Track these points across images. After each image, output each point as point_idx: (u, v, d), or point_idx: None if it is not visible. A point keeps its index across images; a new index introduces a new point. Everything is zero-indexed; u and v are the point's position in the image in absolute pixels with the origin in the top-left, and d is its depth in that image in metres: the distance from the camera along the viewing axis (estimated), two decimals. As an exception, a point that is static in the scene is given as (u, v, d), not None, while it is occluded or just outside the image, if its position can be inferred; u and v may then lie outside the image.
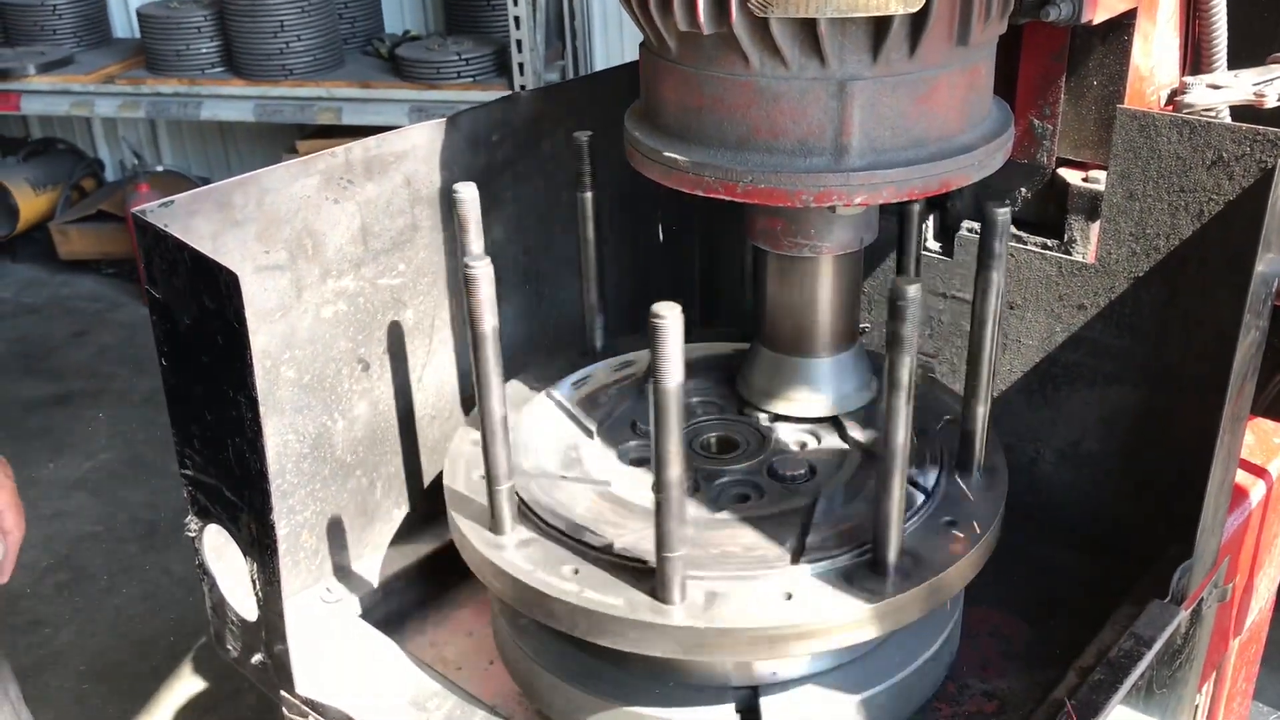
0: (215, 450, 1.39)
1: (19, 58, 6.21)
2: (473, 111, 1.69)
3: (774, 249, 1.52)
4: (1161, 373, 1.64)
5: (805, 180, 1.30)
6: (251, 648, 1.50)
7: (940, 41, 1.27)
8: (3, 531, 1.72)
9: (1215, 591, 1.61)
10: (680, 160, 1.35)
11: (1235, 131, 1.49)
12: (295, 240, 1.53)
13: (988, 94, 1.41)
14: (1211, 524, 1.59)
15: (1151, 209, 1.59)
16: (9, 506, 1.73)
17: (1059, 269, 1.71)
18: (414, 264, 1.69)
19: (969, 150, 1.34)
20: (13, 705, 1.85)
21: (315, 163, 1.52)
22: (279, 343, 1.54)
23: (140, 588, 4.22)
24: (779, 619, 1.30)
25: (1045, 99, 1.67)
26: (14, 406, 5.40)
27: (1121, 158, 1.59)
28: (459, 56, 5.42)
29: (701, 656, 1.34)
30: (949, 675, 1.61)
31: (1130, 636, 1.48)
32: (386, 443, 1.73)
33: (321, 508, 1.67)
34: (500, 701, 1.59)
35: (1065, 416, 1.77)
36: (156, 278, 1.34)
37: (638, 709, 1.43)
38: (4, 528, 1.72)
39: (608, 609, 1.32)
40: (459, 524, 1.48)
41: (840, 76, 1.26)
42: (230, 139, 7.02)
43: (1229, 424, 1.51)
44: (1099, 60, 1.64)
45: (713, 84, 1.32)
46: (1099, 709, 1.37)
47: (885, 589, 1.33)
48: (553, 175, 1.83)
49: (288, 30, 5.64)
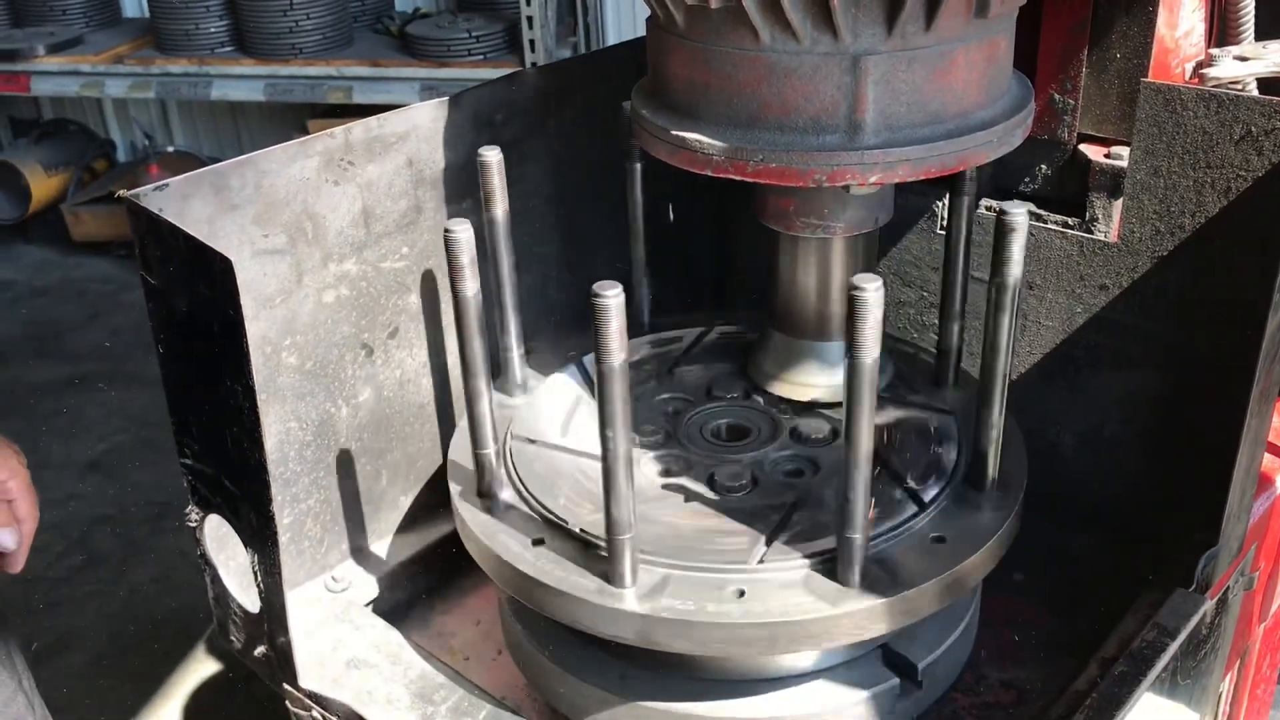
0: (214, 440, 1.36)
1: (28, 38, 6.19)
2: (476, 90, 1.65)
3: (786, 230, 1.48)
4: (1186, 355, 1.59)
5: (818, 159, 1.25)
6: (254, 639, 1.48)
7: (958, 13, 1.23)
8: (18, 519, 1.69)
9: (1242, 580, 1.57)
10: (688, 138, 1.31)
11: (1265, 105, 1.44)
12: (295, 223, 1.49)
13: (1007, 68, 1.36)
14: (1238, 510, 1.55)
15: (1176, 186, 1.54)
16: (23, 494, 1.70)
17: (1080, 248, 1.66)
18: (418, 247, 1.65)
19: (988, 126, 1.30)
20: (26, 695, 1.84)
21: (314, 144, 1.49)
22: (279, 329, 1.51)
23: (153, 569, 4.22)
24: (725, 615, 1.26)
25: (1067, 72, 1.62)
26: (26, 389, 5.41)
27: (1145, 133, 1.54)
28: (469, 34, 5.38)
29: (646, 644, 1.31)
30: (966, 665, 1.57)
31: (1154, 627, 1.44)
32: (392, 429, 1.70)
33: (326, 496, 1.64)
34: (508, 693, 1.56)
35: (1086, 400, 1.73)
36: (151, 263, 1.31)
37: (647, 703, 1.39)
38: (18, 515, 1.69)
39: (557, 583, 1.31)
40: (453, 489, 1.48)
41: (854, 51, 1.22)
42: (241, 119, 7.00)
43: (1256, 407, 1.47)
44: (1122, 32, 1.59)
45: (721, 59, 1.27)
46: (1122, 702, 1.34)
47: (841, 599, 1.28)
48: (559, 154, 1.79)
49: (297, 9, 5.61)
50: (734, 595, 1.28)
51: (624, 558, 1.28)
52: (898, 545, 1.35)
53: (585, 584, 1.31)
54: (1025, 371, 1.78)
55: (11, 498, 1.67)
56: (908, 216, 1.82)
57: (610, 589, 1.29)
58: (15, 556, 1.71)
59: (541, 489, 1.44)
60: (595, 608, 1.29)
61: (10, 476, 1.66)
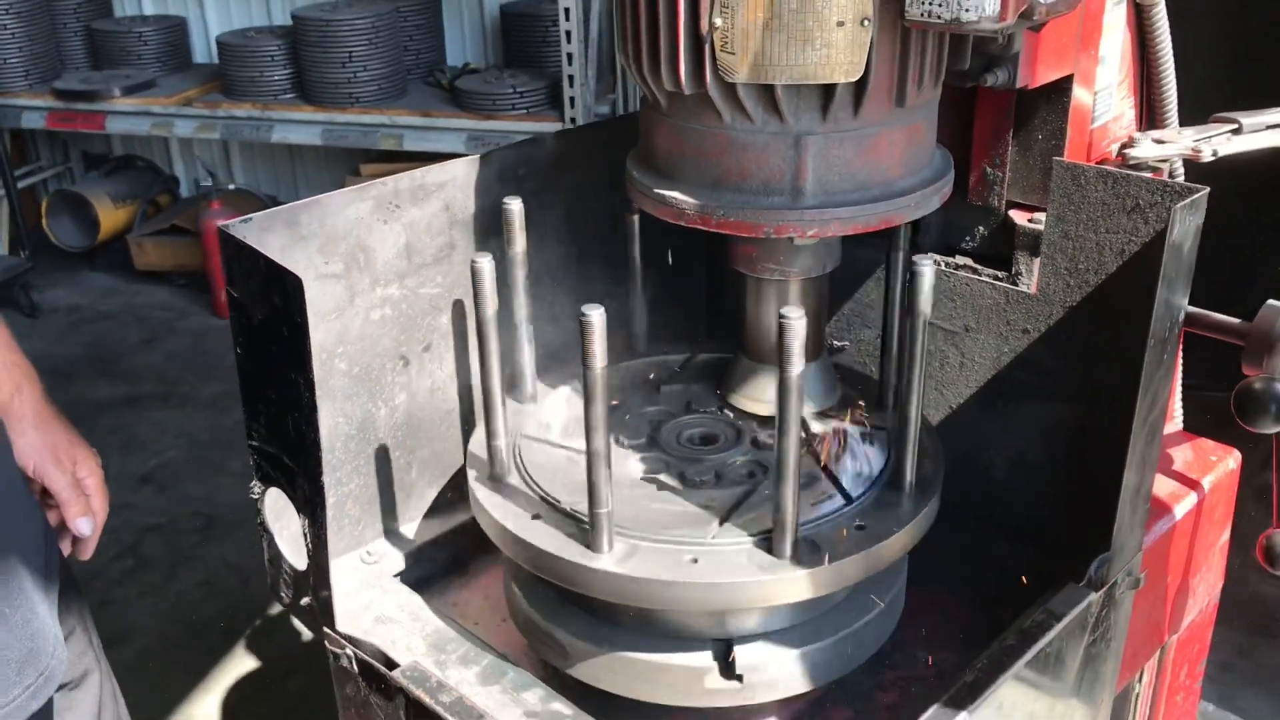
0: (277, 424, 1.68)
1: (106, 80, 6.61)
2: (503, 150, 1.98)
3: (751, 272, 1.79)
4: (1090, 391, 1.87)
5: (767, 216, 1.56)
6: (301, 592, 1.79)
7: (880, 103, 1.54)
8: (93, 511, 2.02)
9: (1128, 579, 1.84)
10: (667, 195, 1.63)
11: (1149, 184, 1.73)
12: (350, 254, 1.82)
13: (928, 145, 1.67)
14: (1129, 524, 1.82)
15: (1083, 247, 1.82)
16: (98, 490, 2.01)
17: (1007, 297, 1.95)
18: (450, 276, 1.97)
19: (907, 193, 1.60)
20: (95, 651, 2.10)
21: (368, 190, 1.82)
22: (334, 339, 1.83)
23: (199, 575, 4.53)
24: (681, 576, 1.57)
25: (995, 151, 1.92)
26: (88, 406, 5.76)
27: (1058, 202, 1.83)
28: (514, 89, 5.71)
29: (618, 598, 1.61)
30: (896, 646, 1.86)
31: (1044, 612, 1.72)
32: (422, 430, 2.02)
33: (364, 482, 1.95)
34: (509, 651, 1.85)
35: (1013, 429, 2.01)
36: (236, 280, 1.64)
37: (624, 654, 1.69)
38: (94, 508, 2.01)
39: (551, 549, 1.62)
40: (470, 474, 1.81)
41: (796, 131, 1.53)
42: (299, 160, 7.39)
43: (1140, 435, 1.74)
44: (1042, 118, 1.89)
45: (693, 134, 1.59)
46: (1005, 668, 1.62)
47: (775, 568, 1.57)
48: (572, 206, 2.11)
49: (355, 61, 5.97)
50: (690, 562, 1.58)
51: (602, 530, 1.59)
52: (827, 530, 1.65)
53: (572, 549, 1.61)
54: (963, 403, 2.07)
55: (90, 493, 2.00)
56: (867, 268, 2.13)
57: (591, 554, 1.60)
58: (88, 543, 2.03)
59: (542, 476, 1.74)
60: (579, 567, 1.59)
61: (90, 474, 1.99)
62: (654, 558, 1.59)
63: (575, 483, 1.72)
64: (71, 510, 1.93)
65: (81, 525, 1.95)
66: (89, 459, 1.97)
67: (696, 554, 1.60)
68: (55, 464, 1.91)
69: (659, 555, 1.60)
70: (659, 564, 1.58)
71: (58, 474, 1.91)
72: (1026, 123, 1.91)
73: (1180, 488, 2.10)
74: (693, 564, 1.58)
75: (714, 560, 1.59)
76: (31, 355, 1.98)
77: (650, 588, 1.57)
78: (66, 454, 1.93)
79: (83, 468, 1.95)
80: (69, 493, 1.92)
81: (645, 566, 1.58)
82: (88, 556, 2.03)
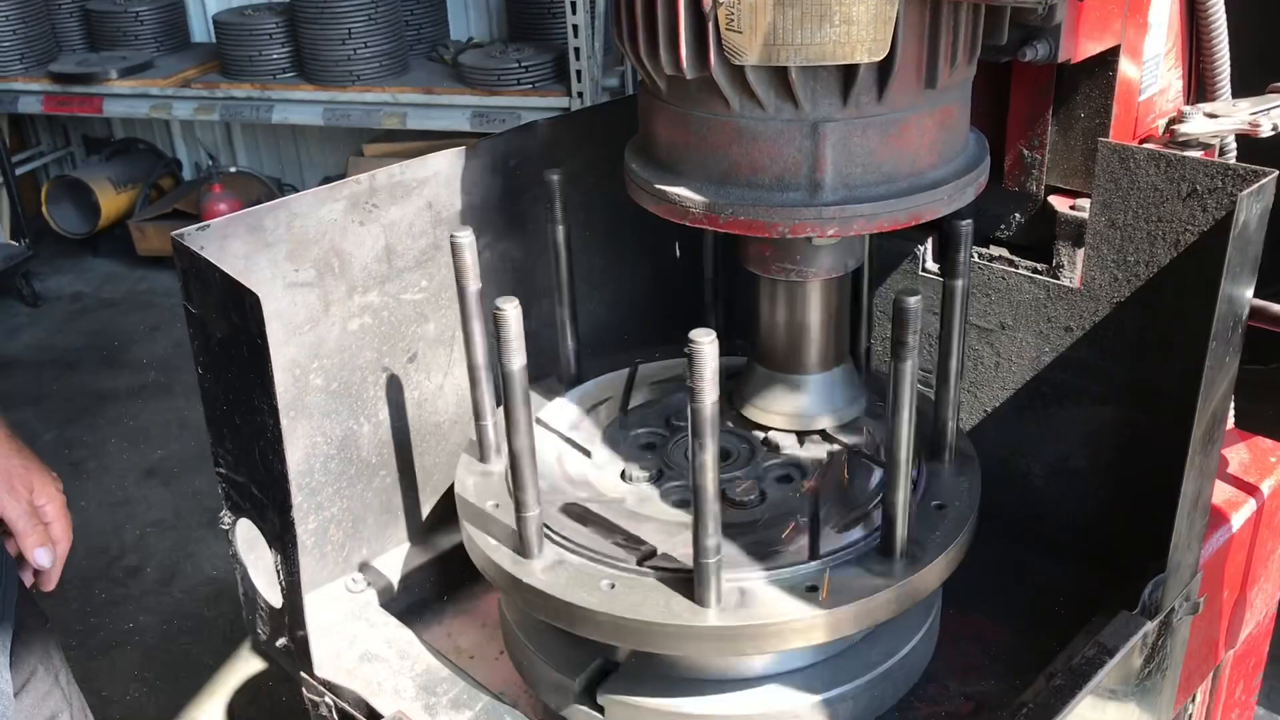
0: (244, 452, 1.53)
1: (102, 63, 6.47)
2: (491, 140, 1.81)
3: (763, 273, 1.62)
4: (1140, 393, 1.71)
5: (781, 214, 1.39)
6: (278, 631, 1.64)
7: (908, 85, 1.37)
8: (53, 540, 1.87)
9: (1186, 605, 1.68)
10: (669, 192, 1.46)
11: (1208, 166, 1.56)
12: (323, 259, 1.66)
13: (961, 131, 1.50)
14: (1186, 540, 1.66)
15: (1132, 237, 1.66)
16: (58, 517, 1.87)
17: (1047, 292, 1.78)
18: (435, 280, 1.81)
19: (939, 185, 1.43)
20: (63, 690, 1.97)
21: (341, 189, 1.66)
22: (308, 353, 1.68)
23: (205, 571, 4.41)
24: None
25: (1034, 131, 1.75)
26: (92, 397, 5.64)
27: (1103, 188, 1.66)
28: (519, 64, 5.54)
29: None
30: (929, 676, 1.70)
31: (1095, 645, 1.56)
32: (409, 446, 1.86)
33: (348, 504, 1.80)
34: (507, 690, 1.71)
35: (1053, 433, 1.85)
36: (193, 295, 1.48)
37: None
38: (54, 537, 1.87)
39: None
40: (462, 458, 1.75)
41: (813, 118, 1.36)
42: (301, 141, 7.24)
43: (1200, 443, 1.58)
44: (1085, 95, 1.71)
45: (697, 123, 1.42)
46: (1056, 712, 1.46)
47: (695, 616, 1.43)
48: (569, 196, 1.94)
49: (355, 37, 5.81)
50: (608, 587, 1.48)
51: (531, 531, 1.51)
52: (776, 583, 1.46)
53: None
54: (999, 406, 1.90)
55: (49, 520, 1.85)
56: (892, 260, 1.96)
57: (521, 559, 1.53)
58: (50, 574, 1.88)
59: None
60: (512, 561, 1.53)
61: (49, 501, 1.84)
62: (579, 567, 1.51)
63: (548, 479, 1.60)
64: (28, 540, 1.78)
65: (40, 556, 1.80)
66: (48, 485, 1.82)
67: (612, 579, 1.49)
68: (9, 491, 1.76)
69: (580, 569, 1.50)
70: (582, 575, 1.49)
71: (11, 502, 1.76)
72: (1067, 100, 1.73)
73: (1237, 494, 1.93)
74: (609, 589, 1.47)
75: (628, 588, 1.47)
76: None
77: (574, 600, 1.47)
78: (22, 480, 1.78)
79: (41, 494, 1.80)
80: (25, 522, 1.78)
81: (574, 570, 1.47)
82: (51, 588, 1.88)
